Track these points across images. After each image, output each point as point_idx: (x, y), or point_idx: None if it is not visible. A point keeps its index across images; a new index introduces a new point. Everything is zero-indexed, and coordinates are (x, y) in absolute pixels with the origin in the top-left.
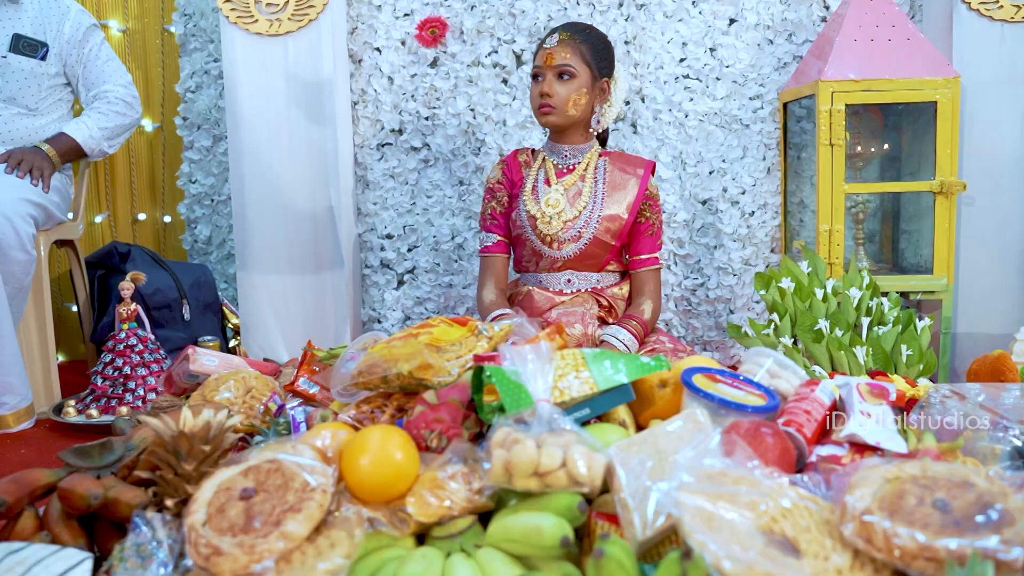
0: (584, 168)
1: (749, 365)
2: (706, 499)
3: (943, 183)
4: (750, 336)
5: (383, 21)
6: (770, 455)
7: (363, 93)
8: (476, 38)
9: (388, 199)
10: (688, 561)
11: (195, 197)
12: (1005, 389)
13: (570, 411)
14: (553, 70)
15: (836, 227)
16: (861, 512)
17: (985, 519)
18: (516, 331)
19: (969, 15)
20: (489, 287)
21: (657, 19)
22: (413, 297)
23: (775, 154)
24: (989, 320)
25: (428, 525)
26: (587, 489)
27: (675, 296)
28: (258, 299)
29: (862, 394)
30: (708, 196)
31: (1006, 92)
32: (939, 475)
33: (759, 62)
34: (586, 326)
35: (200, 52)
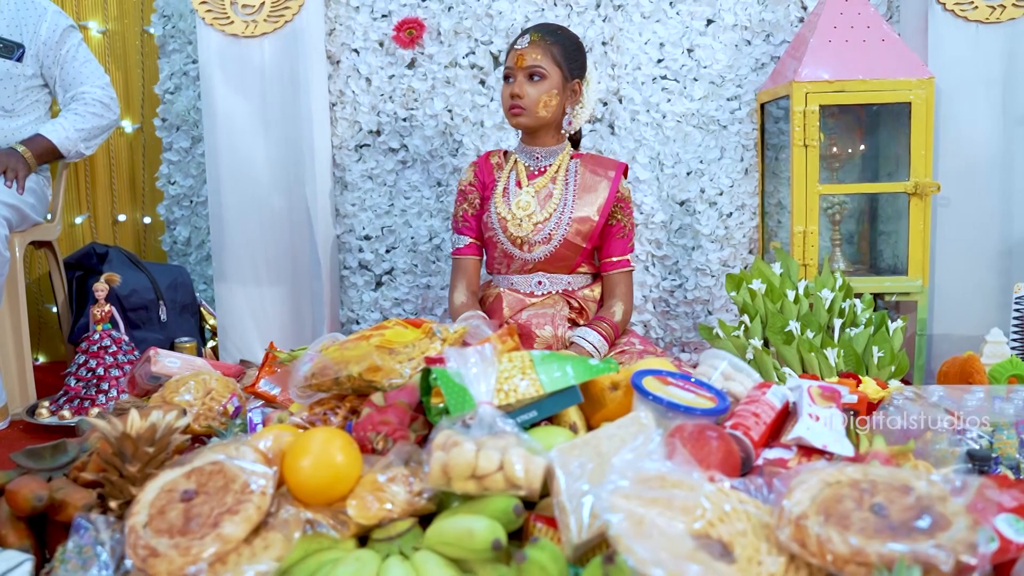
0: (555, 170)
1: (704, 368)
2: (639, 503)
3: (917, 184)
4: (721, 337)
5: (361, 22)
6: (712, 458)
7: (341, 94)
8: (453, 39)
9: (366, 200)
10: (610, 565)
11: (174, 198)
12: (969, 391)
13: (516, 413)
14: (524, 71)
15: (810, 228)
16: (797, 516)
17: (920, 523)
18: (471, 333)
19: (944, 16)
20: (460, 289)
21: (634, 20)
22: (391, 298)
23: (753, 155)
24: (966, 321)
25: (369, 527)
26: (524, 492)
27: (653, 297)
28: (235, 300)
29: (812, 397)
30: (686, 197)
31: (981, 93)
32: (880, 479)
33: (737, 63)
34: (556, 328)
35: (179, 53)
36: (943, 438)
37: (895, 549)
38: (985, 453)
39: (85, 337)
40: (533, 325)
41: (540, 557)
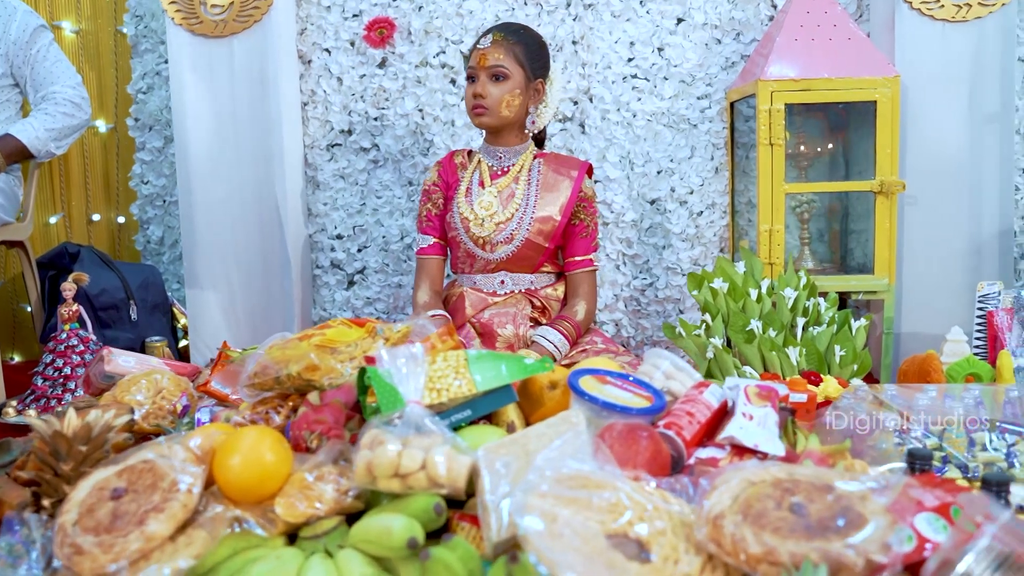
0: (518, 170)
1: (647, 367)
2: (554, 502)
3: (883, 183)
4: (683, 336)
5: (332, 22)
6: (640, 457)
7: (312, 94)
8: (424, 39)
9: (338, 200)
10: (514, 564)
11: (147, 198)
12: (921, 390)
13: (450, 412)
14: (486, 71)
15: (776, 227)
16: (715, 515)
17: (836, 523)
18: (415, 332)
19: (911, 14)
20: (424, 289)
21: (605, 19)
22: (363, 297)
23: (723, 154)
24: (934, 320)
25: (296, 525)
26: (447, 491)
27: (624, 296)
28: (206, 300)
29: (749, 396)
30: (656, 196)
31: (948, 91)
32: (804, 479)
33: (707, 61)
34: (518, 327)
35: (151, 53)
36: (889, 437)
37: (806, 549)
38: (925, 452)
39: (53, 336)
40: (495, 324)
41: (446, 556)
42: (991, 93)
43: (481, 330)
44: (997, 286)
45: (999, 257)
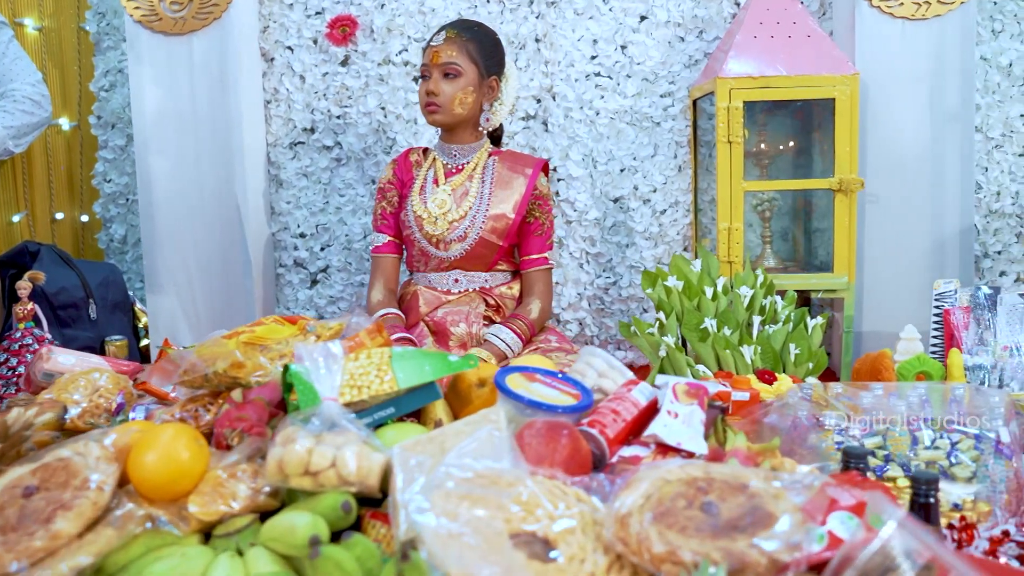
0: (473, 168)
1: (580, 365)
2: (459, 500)
3: (842, 181)
4: (638, 335)
5: (294, 19)
6: (558, 456)
7: (275, 92)
8: (387, 36)
9: (301, 198)
10: (405, 563)
11: (110, 196)
12: (868, 388)
13: (373, 410)
14: (439, 68)
15: (735, 225)
16: (623, 514)
17: (744, 522)
18: (349, 329)
19: (871, 12)
20: (378, 287)
21: (567, 16)
22: (326, 296)
23: (686, 152)
24: (895, 318)
25: (210, 524)
26: (356, 488)
27: (587, 295)
28: (166, 298)
29: (677, 394)
30: (619, 194)
31: (908, 89)
32: (719, 477)
33: (670, 59)
34: (470, 325)
35: (114, 51)
36: (829, 436)
37: (709, 548)
38: (861, 451)
39: (7, 335)
40: (448, 323)
41: (337, 555)
42: (952, 91)
43: (434, 328)
44: (953, 284)
45: (960, 255)
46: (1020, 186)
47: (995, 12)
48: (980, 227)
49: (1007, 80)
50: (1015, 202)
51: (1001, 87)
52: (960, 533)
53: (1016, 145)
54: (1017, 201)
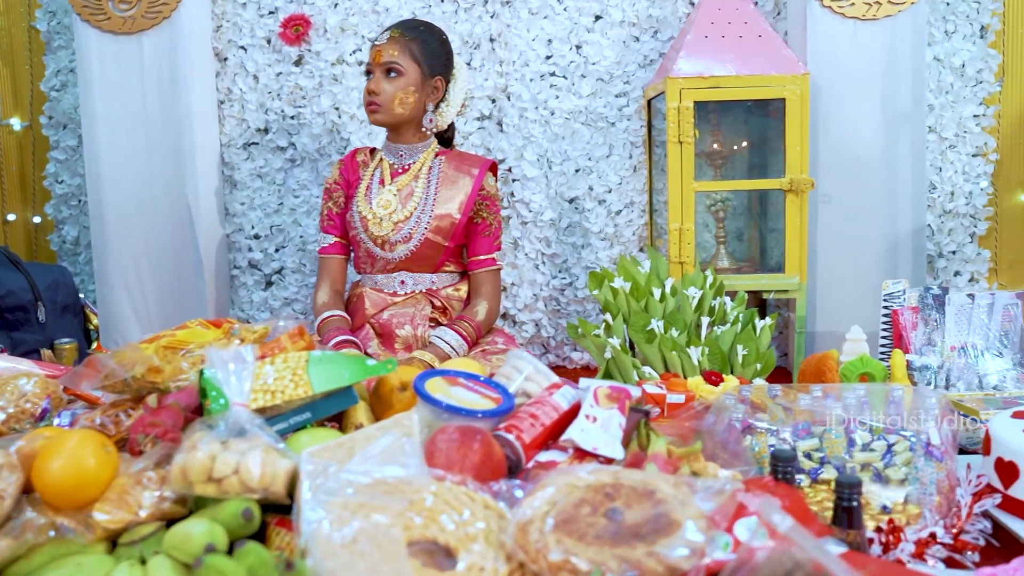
0: (419, 168)
1: (507, 368)
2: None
3: (792, 181)
4: (584, 337)
5: (247, 19)
6: (469, 461)
7: (229, 92)
8: (340, 36)
9: (255, 199)
10: (289, 572)
11: (61, 198)
12: (807, 390)
13: (288, 415)
14: (381, 67)
15: (686, 226)
16: (524, 521)
17: (646, 529)
18: (275, 332)
19: (822, 12)
20: (324, 288)
21: (522, 16)
22: (281, 298)
23: (641, 152)
24: (848, 318)
25: (116, 532)
26: (260, 495)
27: (543, 296)
28: (117, 301)
29: (597, 398)
30: (574, 195)
31: (861, 90)
32: (627, 483)
33: (624, 59)
34: (416, 327)
35: (65, 50)
36: (762, 438)
37: (606, 556)
38: (788, 454)
39: None
40: (393, 325)
41: (221, 564)
42: (904, 91)
43: (380, 331)
44: (902, 284)
45: (912, 255)
46: (974, 186)
47: (948, 13)
48: (935, 227)
49: (960, 81)
50: (969, 202)
51: (954, 87)
52: (887, 536)
53: (970, 145)
54: (971, 201)
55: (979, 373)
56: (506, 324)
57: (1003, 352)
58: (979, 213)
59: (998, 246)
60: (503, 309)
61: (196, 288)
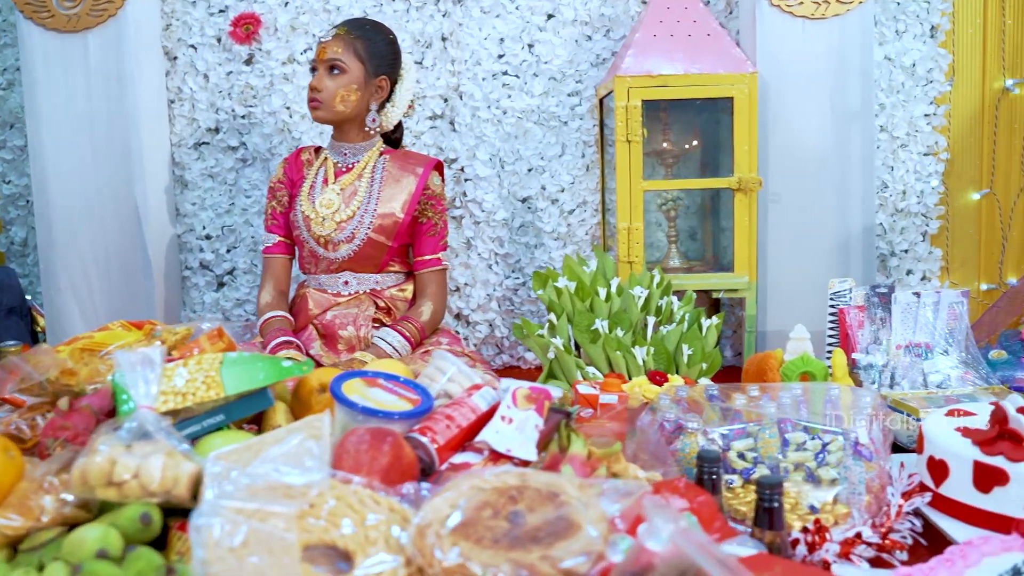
0: (363, 167)
1: (431, 370)
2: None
3: (740, 180)
4: (528, 337)
5: (197, 17)
6: (377, 464)
7: (179, 91)
8: (291, 35)
9: (206, 199)
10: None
11: (9, 198)
12: (744, 390)
13: (201, 418)
14: (324, 64)
15: (635, 225)
16: (423, 524)
17: (544, 532)
18: (198, 332)
19: (771, 11)
20: (267, 289)
21: (474, 15)
22: (232, 299)
23: (594, 151)
24: (799, 318)
25: (16, 538)
26: (161, 499)
27: (497, 296)
28: (64, 303)
29: (516, 399)
30: (527, 194)
31: (810, 89)
32: (533, 486)
33: (577, 58)
34: (358, 328)
35: (11, 48)
36: (693, 438)
37: (500, 560)
38: (713, 454)
39: None
40: (336, 325)
41: (101, 570)
42: (853, 90)
43: (323, 331)
44: (848, 283)
45: (863, 254)
46: (925, 185)
47: (898, 13)
48: (887, 226)
49: (911, 80)
50: (920, 201)
51: (905, 87)
52: (813, 536)
53: (921, 144)
54: (922, 200)
55: (924, 371)
56: (459, 324)
57: (948, 350)
58: (931, 212)
59: (949, 245)
60: (456, 309)
61: (145, 289)
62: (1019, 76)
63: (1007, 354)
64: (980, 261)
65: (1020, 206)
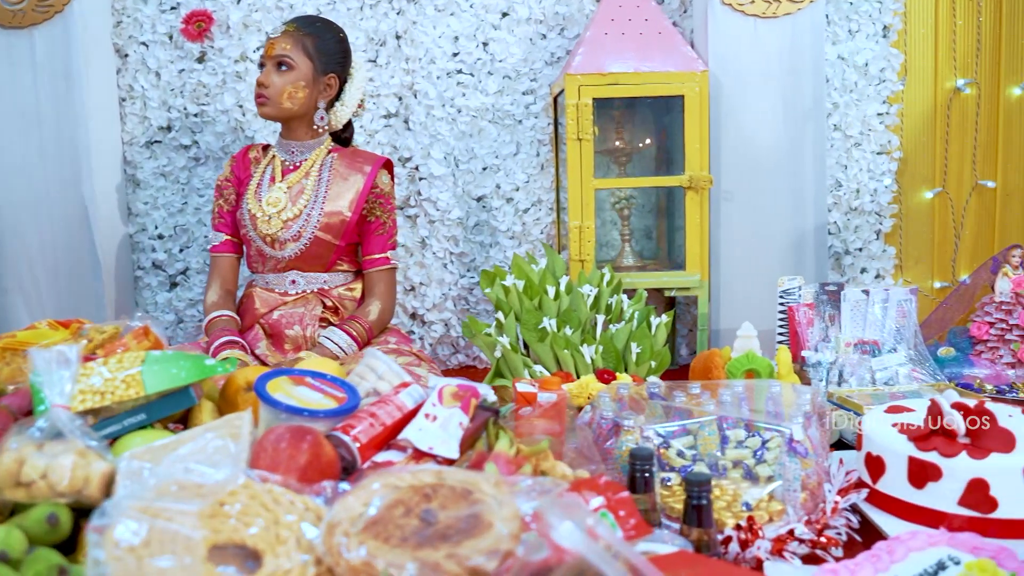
0: (310, 165)
1: (362, 368)
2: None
3: (692, 178)
4: (476, 336)
5: (148, 14)
6: (295, 463)
7: (130, 89)
8: (243, 32)
9: (159, 198)
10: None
11: None
12: (685, 388)
13: (121, 417)
14: (272, 60)
15: (586, 224)
16: (333, 523)
17: (455, 530)
18: (126, 331)
19: (723, 10)
20: (214, 288)
21: (428, 13)
22: (186, 299)
23: (548, 149)
24: (752, 315)
25: None
26: (70, 500)
27: (452, 295)
28: (12, 304)
29: (442, 397)
30: (482, 193)
31: (762, 87)
32: (449, 483)
33: (531, 56)
34: (305, 328)
35: None
36: (631, 436)
37: (406, 559)
38: (646, 452)
39: None
40: (283, 325)
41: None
42: (805, 89)
43: (270, 331)
44: (797, 281)
45: (815, 252)
46: (878, 184)
47: (851, 12)
48: (841, 224)
49: (864, 79)
50: (874, 199)
51: (859, 86)
52: (745, 533)
53: (874, 143)
54: (876, 199)
55: (872, 369)
56: (415, 324)
57: (897, 348)
58: (884, 210)
59: (903, 243)
60: (411, 309)
61: (94, 289)
62: (970, 76)
63: (955, 351)
64: (934, 259)
65: (972, 205)
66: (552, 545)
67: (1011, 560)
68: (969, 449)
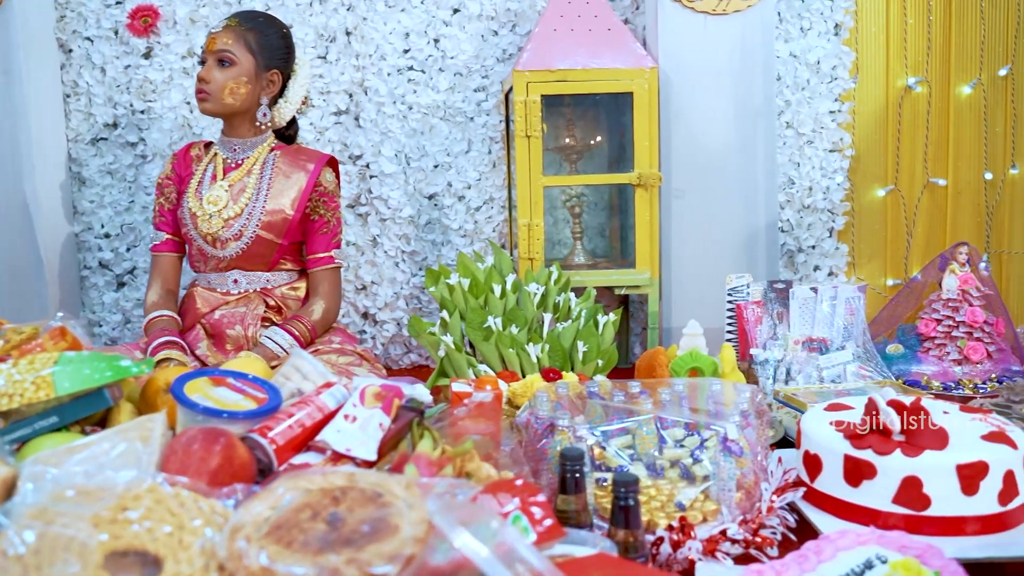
0: (252, 163)
1: (287, 368)
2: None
3: (641, 175)
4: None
5: (93, 9)
6: (206, 466)
7: (75, 85)
8: (190, 27)
9: (105, 197)
10: None
11: None
12: (625, 387)
13: (32, 420)
14: (214, 55)
15: (535, 221)
16: (235, 527)
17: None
18: (44, 331)
19: (673, 6)
20: (155, 287)
21: (379, 9)
22: (133, 299)
23: (500, 147)
24: (704, 315)
25: None
26: None
27: (404, 294)
28: None
29: (363, 398)
30: (433, 191)
31: (712, 84)
32: (359, 486)
33: (483, 53)
34: (246, 327)
35: None
36: (565, 436)
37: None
38: (575, 452)
39: None
40: (224, 325)
41: None
42: (756, 86)
43: (211, 331)
44: (746, 279)
45: (767, 250)
46: (831, 181)
47: (803, 10)
48: (794, 222)
49: (816, 77)
50: (826, 197)
51: (811, 84)
52: (677, 534)
53: (826, 141)
54: (828, 196)
55: (820, 367)
56: (367, 323)
57: (845, 345)
58: (836, 208)
59: (856, 240)
60: (363, 308)
61: (37, 290)
62: (921, 75)
63: (904, 348)
64: (886, 256)
65: (924, 202)
66: (445, 550)
67: (937, 558)
68: (903, 447)
